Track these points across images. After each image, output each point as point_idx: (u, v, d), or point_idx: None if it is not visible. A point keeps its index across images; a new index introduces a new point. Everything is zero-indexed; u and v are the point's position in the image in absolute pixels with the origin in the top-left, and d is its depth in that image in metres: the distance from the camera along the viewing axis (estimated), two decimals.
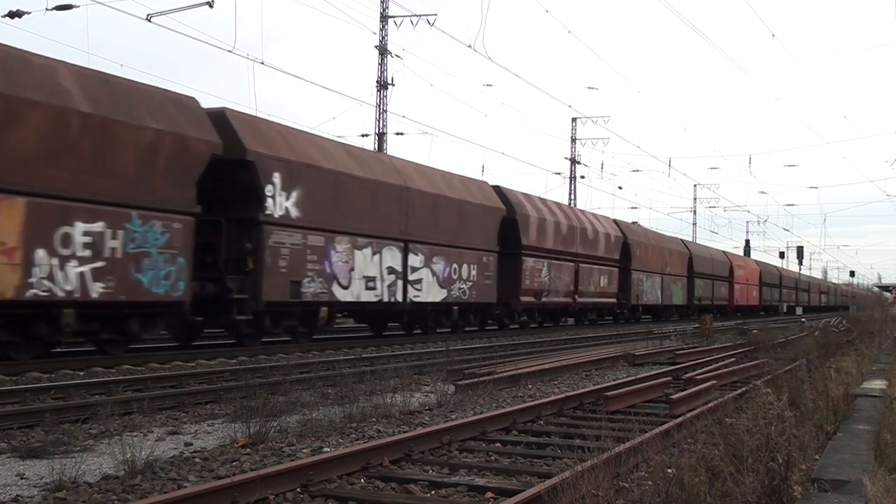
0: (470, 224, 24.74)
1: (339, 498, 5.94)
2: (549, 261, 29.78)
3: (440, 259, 23.21)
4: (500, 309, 27.12)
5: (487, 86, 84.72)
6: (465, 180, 26.20)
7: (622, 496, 5.71)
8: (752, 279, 63.46)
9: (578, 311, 33.61)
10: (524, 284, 27.91)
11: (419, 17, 31.96)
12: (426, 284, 22.58)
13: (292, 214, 17.74)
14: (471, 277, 24.75)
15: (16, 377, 11.90)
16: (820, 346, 18.19)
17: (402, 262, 21.56)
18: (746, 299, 60.78)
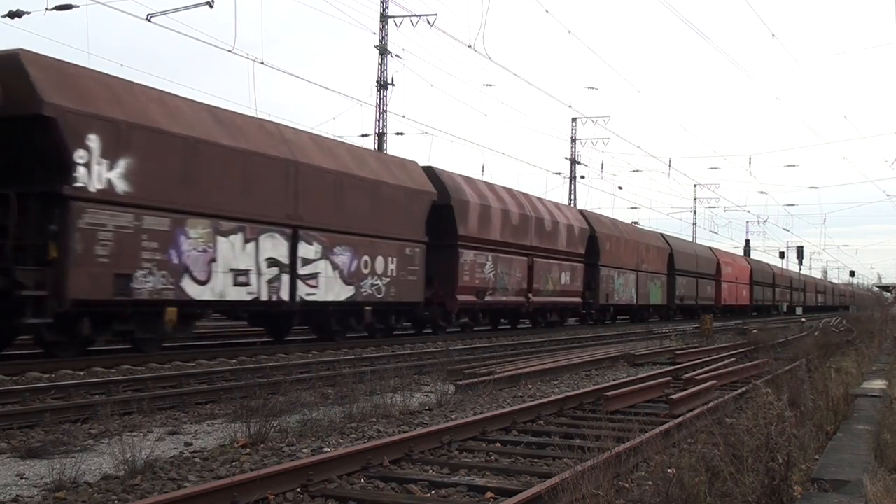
0: (388, 209, 20.87)
1: (339, 498, 5.94)
2: (496, 254, 26.08)
3: (345, 250, 19.45)
4: (434, 309, 23.67)
5: (487, 86, 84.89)
6: (385, 158, 22.89)
7: (622, 496, 5.71)
8: (742, 277, 60.00)
9: (534, 311, 29.43)
10: (462, 281, 24.18)
11: (419, 17, 31.98)
12: (325, 280, 18.79)
13: (118, 189, 14.05)
14: (388, 272, 20.94)
15: (16, 377, 11.90)
16: (820, 346, 18.18)
17: (289, 252, 17.70)
18: (735, 299, 57.23)
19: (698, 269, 48.69)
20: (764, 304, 67.02)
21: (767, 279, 68.55)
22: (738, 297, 58.22)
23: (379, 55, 32.62)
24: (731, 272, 56.15)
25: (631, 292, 38.54)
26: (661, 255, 43.22)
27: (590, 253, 33.60)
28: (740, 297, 58.86)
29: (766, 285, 67.57)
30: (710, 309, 49.97)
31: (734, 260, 60.00)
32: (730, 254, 61.23)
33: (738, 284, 58.25)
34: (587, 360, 16.60)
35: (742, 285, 59.43)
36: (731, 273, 56.25)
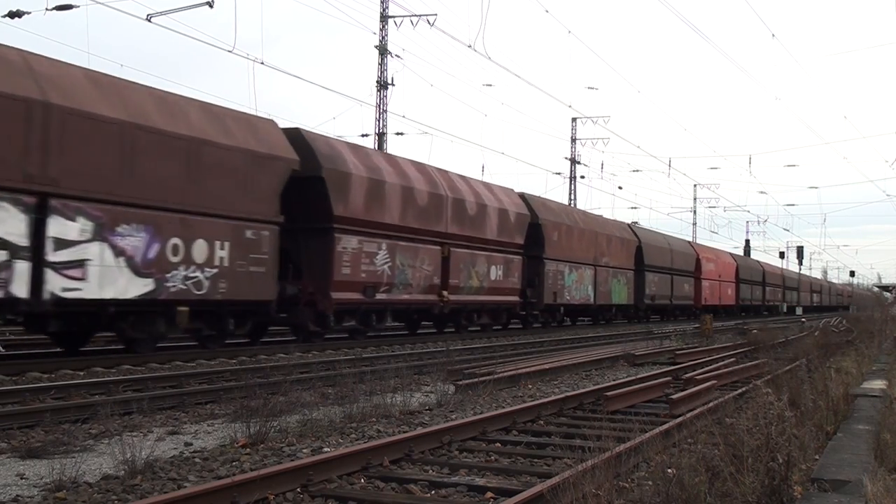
0: (216, 178, 15.78)
1: (339, 498, 5.94)
2: (392, 241, 21.02)
3: (137, 229, 14.34)
4: (302, 311, 18.88)
5: (487, 86, 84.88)
6: (219, 112, 16.79)
7: (622, 496, 5.70)
8: (727, 275, 55.06)
9: (449, 313, 24.11)
10: (340, 275, 19.08)
11: (419, 17, 32.00)
12: (99, 270, 13.69)
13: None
14: (215, 261, 15.82)
15: (16, 377, 11.90)
16: (820, 346, 18.19)
17: (29, 229, 12.72)
18: (719, 298, 52.41)
19: (673, 265, 44.04)
20: (752, 304, 62.99)
21: (756, 277, 64.41)
22: (721, 296, 53.15)
23: (379, 55, 32.64)
24: (713, 269, 51.58)
25: (587, 290, 33.25)
26: (626, 248, 37.76)
27: (532, 244, 28.65)
28: (725, 296, 54.21)
29: (754, 284, 63.38)
30: (690, 309, 47.38)
31: (717, 256, 55.02)
32: (712, 249, 56.45)
33: (723, 283, 53.97)
34: (587, 360, 16.60)
35: (727, 283, 55.02)
36: (713, 270, 51.54)
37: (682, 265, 45.61)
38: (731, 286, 56.27)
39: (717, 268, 52.72)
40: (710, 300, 50.48)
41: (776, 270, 73.82)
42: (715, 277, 52.03)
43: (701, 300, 48.40)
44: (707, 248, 54.40)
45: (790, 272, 79.47)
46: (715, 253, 55.23)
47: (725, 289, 54.66)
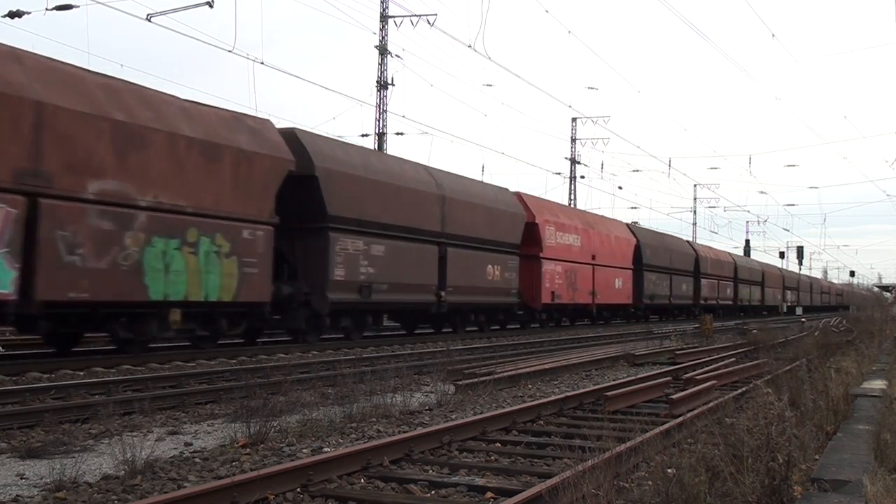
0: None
1: (339, 498, 5.94)
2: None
3: None
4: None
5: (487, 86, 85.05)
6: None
7: (622, 496, 5.70)
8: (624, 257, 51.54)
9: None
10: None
11: (419, 17, 32.03)
12: None
13: None
14: None
15: (16, 377, 11.90)
16: (820, 346, 18.19)
17: None
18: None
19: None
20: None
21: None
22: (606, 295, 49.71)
23: (379, 55, 32.65)
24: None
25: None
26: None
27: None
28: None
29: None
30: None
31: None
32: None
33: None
34: (587, 360, 16.60)
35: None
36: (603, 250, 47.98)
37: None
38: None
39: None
40: (603, 300, 44.62)
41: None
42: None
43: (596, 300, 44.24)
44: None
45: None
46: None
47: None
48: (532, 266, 28.84)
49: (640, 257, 39.13)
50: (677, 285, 44.94)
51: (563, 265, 31.03)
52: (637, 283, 38.87)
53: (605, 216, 39.63)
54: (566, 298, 31.23)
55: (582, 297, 32.73)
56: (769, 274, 69.18)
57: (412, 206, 22.14)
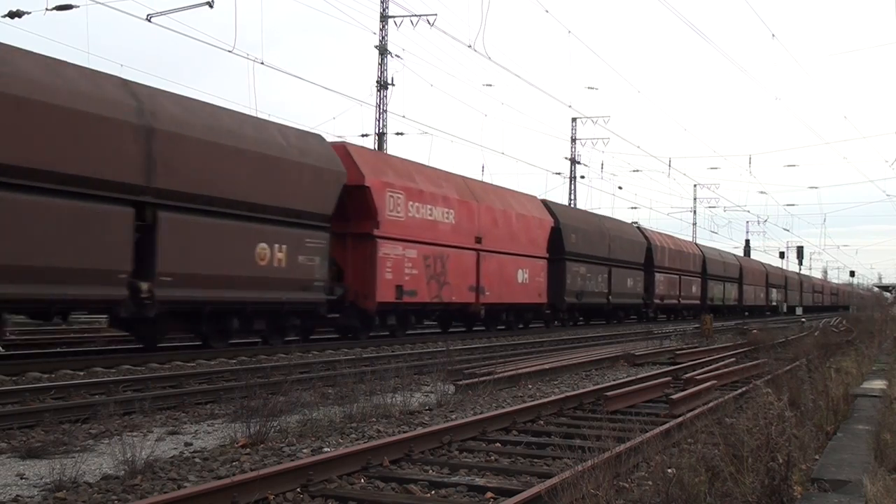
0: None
1: (339, 498, 5.94)
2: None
3: None
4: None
5: (487, 86, 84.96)
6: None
7: (622, 496, 5.70)
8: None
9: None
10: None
11: (419, 17, 31.99)
12: None
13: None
14: None
15: (16, 377, 11.91)
16: (820, 346, 18.19)
17: None
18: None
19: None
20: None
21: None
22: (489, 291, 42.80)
23: (379, 55, 32.65)
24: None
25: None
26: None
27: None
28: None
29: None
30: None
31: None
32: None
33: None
34: (587, 360, 16.60)
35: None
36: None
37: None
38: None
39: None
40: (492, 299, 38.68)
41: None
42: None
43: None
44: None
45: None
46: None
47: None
48: (363, 249, 20.48)
49: (562, 244, 30.88)
50: (620, 280, 36.61)
51: (422, 249, 22.23)
52: (556, 276, 30.38)
53: (505, 187, 29.63)
54: (426, 295, 22.50)
55: (458, 294, 24.15)
56: (750, 270, 62.21)
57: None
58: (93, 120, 13.46)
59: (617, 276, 36.12)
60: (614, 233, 36.73)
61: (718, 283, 52.72)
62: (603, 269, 34.72)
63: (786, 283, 75.23)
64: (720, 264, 53.52)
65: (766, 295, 66.57)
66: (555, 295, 30.28)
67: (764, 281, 66.04)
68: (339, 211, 19.45)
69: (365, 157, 21.21)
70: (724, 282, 54.17)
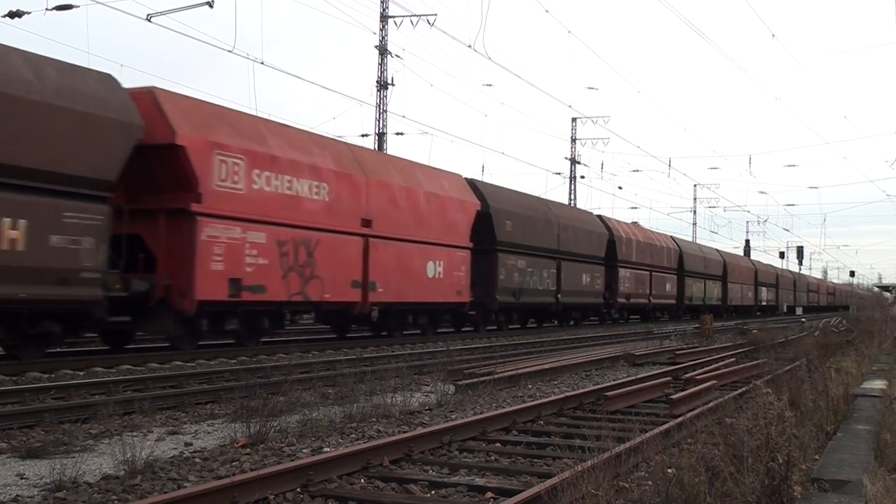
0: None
1: (339, 498, 5.94)
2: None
3: None
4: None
5: (487, 86, 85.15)
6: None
7: (622, 496, 5.70)
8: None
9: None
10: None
11: (419, 17, 32.01)
12: None
13: None
14: None
15: (16, 377, 11.90)
16: (820, 346, 18.19)
17: None
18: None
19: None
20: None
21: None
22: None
23: (379, 55, 32.66)
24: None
25: None
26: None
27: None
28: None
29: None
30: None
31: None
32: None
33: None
34: (587, 360, 16.60)
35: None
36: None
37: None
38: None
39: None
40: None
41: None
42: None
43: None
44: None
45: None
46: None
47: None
48: (178, 230, 15.52)
49: (493, 232, 26.12)
50: (573, 277, 31.68)
51: (276, 232, 17.26)
52: (485, 271, 25.80)
53: (417, 162, 24.43)
54: (281, 292, 17.46)
55: (335, 291, 19.12)
56: (736, 267, 57.65)
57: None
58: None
59: (569, 271, 31.38)
60: (566, 221, 31.77)
61: (698, 281, 48.41)
62: (550, 263, 29.93)
63: (777, 282, 71.43)
64: (700, 260, 49.05)
65: (755, 294, 62.59)
66: (484, 293, 25.74)
67: (752, 279, 62.29)
68: (150, 179, 15.38)
69: (181, 108, 15.88)
70: (706, 279, 49.86)
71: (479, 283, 25.49)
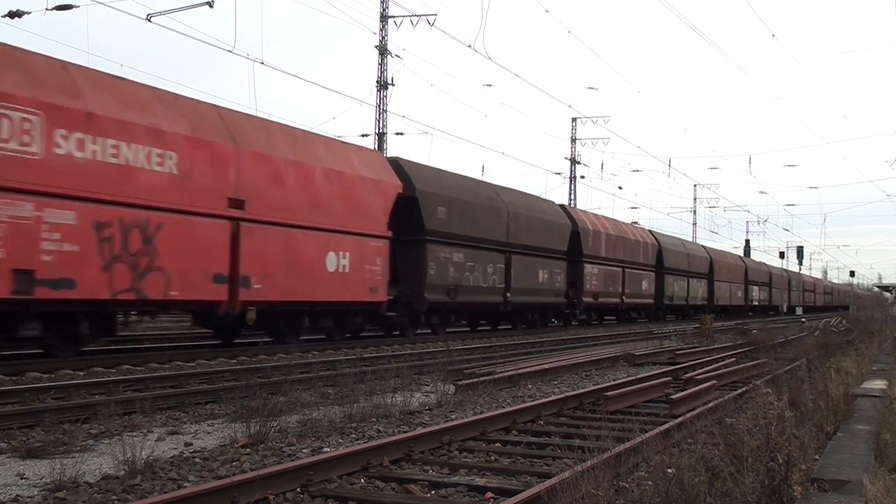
0: None
1: (339, 498, 5.94)
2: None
3: None
4: None
5: (487, 86, 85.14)
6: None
7: (622, 496, 5.71)
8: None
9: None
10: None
11: (419, 17, 31.99)
12: None
13: None
14: None
15: (16, 377, 11.90)
16: (820, 346, 18.18)
17: None
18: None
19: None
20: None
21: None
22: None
23: (379, 55, 32.65)
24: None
25: None
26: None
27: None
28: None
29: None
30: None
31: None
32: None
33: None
34: (587, 360, 16.60)
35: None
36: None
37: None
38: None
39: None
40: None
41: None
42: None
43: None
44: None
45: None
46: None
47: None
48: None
49: (420, 219, 22.13)
50: (526, 273, 27.59)
51: (92, 211, 13.62)
52: (410, 265, 22.00)
53: (317, 133, 21.08)
54: (100, 287, 13.73)
55: (186, 288, 15.37)
56: (723, 264, 53.98)
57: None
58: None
59: (521, 266, 27.26)
60: (518, 210, 27.62)
61: (680, 279, 44.67)
62: (497, 257, 25.90)
63: (771, 281, 67.88)
64: (682, 256, 44.97)
65: (746, 293, 59.01)
66: (411, 291, 21.83)
67: (742, 277, 58.61)
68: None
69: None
70: (689, 277, 46.07)
71: (404, 279, 21.61)
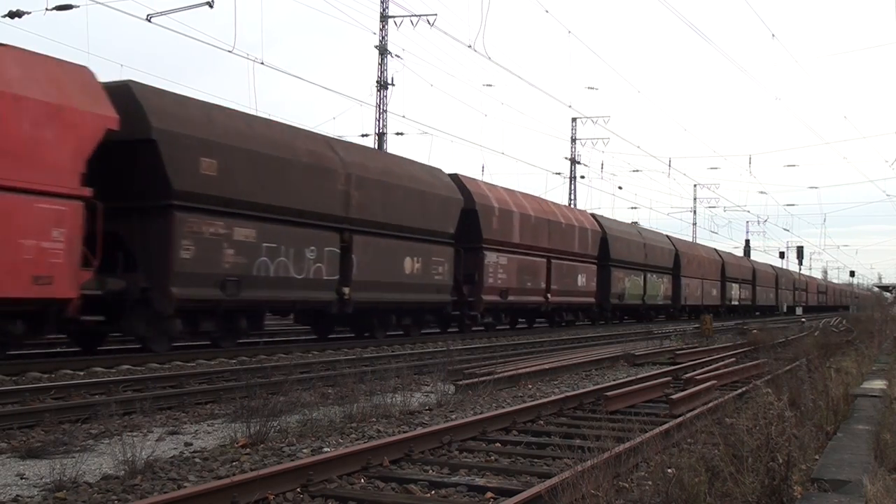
0: None
1: (339, 498, 5.94)
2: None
3: None
4: None
5: (487, 86, 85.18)
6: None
7: (622, 496, 5.70)
8: None
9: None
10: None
11: (419, 17, 32.01)
12: None
13: None
14: None
15: (16, 377, 11.90)
16: (820, 346, 18.18)
17: None
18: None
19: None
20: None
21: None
22: None
23: (379, 55, 32.65)
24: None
25: None
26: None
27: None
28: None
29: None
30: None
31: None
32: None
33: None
34: (587, 360, 16.60)
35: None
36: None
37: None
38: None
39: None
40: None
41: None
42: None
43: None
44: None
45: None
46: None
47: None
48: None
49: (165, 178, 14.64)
50: (381, 261, 20.26)
51: None
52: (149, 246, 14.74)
53: None
54: None
55: None
56: (694, 258, 46.40)
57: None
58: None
59: (369, 252, 19.84)
60: (364, 173, 19.72)
61: (634, 274, 37.32)
62: (326, 238, 18.43)
63: (755, 278, 60.94)
64: (637, 247, 37.49)
65: (723, 292, 52.12)
66: (151, 282, 14.58)
67: (718, 274, 51.22)
68: None
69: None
70: (646, 272, 38.67)
71: (143, 266, 14.59)
